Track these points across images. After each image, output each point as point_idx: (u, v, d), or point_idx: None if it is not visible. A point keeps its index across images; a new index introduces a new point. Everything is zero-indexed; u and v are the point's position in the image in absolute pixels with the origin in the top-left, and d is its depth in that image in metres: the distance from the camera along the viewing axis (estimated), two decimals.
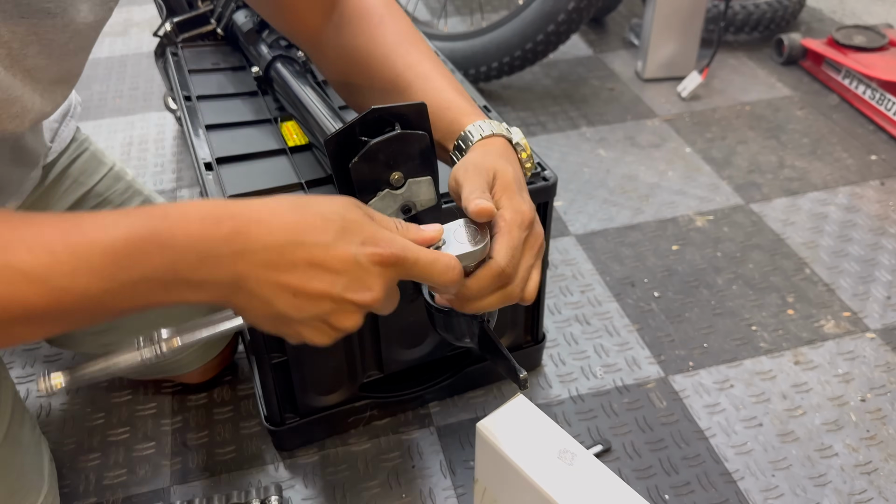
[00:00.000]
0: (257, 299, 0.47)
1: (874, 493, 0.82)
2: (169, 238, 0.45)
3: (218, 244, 0.46)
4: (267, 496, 0.82)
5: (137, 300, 0.46)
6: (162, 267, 0.45)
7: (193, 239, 0.46)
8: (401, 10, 0.71)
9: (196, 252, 0.46)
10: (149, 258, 0.45)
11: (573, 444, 0.62)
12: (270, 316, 0.49)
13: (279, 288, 0.47)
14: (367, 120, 0.60)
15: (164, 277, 0.45)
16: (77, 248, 0.44)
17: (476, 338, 0.60)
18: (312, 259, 0.46)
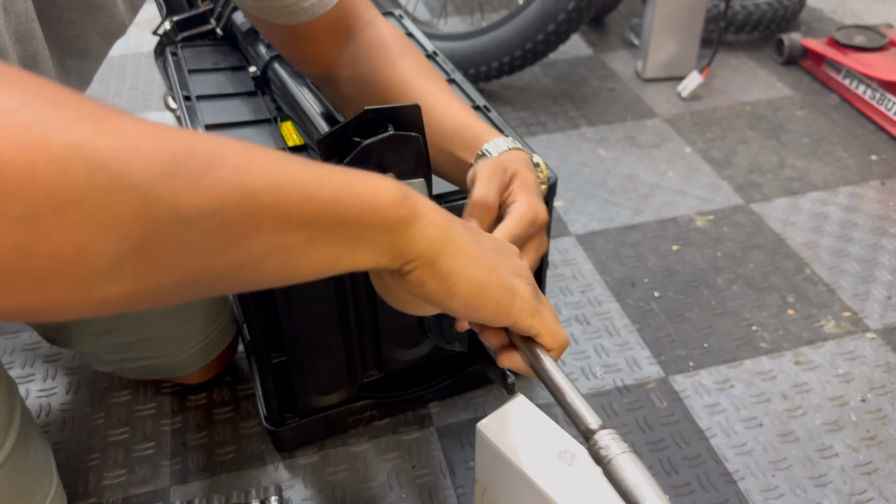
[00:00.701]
0: (461, 238, 0.43)
1: (874, 494, 0.82)
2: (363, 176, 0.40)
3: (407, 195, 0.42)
4: (267, 496, 0.82)
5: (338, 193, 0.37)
6: (352, 171, 0.39)
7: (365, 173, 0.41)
8: (415, 47, 0.73)
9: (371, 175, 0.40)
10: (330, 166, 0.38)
11: (573, 444, 0.61)
12: (478, 257, 0.44)
13: (468, 233, 0.45)
14: (361, 120, 0.60)
15: (360, 175, 0.39)
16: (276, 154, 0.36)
17: (466, 341, 0.60)
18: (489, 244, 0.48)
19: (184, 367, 0.91)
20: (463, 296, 0.43)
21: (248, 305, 0.75)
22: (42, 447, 0.75)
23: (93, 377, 0.99)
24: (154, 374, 0.92)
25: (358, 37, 0.72)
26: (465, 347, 0.60)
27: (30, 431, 0.72)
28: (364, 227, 0.38)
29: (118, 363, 0.90)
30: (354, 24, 0.72)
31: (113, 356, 0.88)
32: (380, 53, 0.71)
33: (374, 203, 0.38)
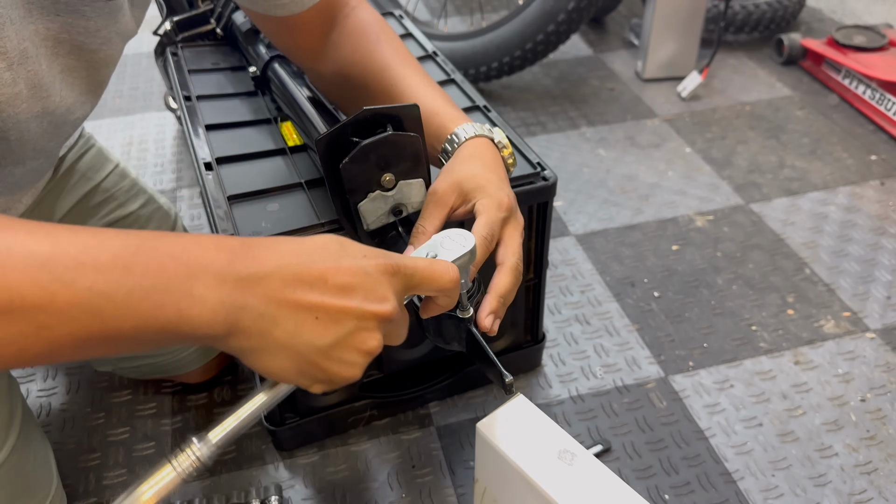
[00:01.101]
0: (279, 330, 0.44)
1: (874, 493, 0.82)
2: (182, 251, 0.42)
3: (235, 263, 0.43)
4: (267, 496, 0.82)
5: (140, 317, 0.40)
6: (176, 279, 0.41)
7: (210, 255, 0.43)
8: (394, 32, 0.75)
9: (213, 270, 0.42)
10: (162, 267, 0.41)
11: (573, 444, 0.61)
12: (291, 354, 0.45)
13: (300, 310, 0.44)
14: (360, 121, 0.60)
15: (176, 291, 0.41)
16: (85, 241, 0.39)
17: (464, 342, 0.60)
18: (324, 275, 0.45)
19: (184, 365, 0.91)
20: (263, 373, 0.48)
21: None
22: (43, 447, 0.75)
23: (93, 377, 0.99)
24: (154, 373, 0.93)
25: (341, 24, 0.74)
26: (463, 348, 0.60)
27: (31, 431, 0.72)
28: (173, 338, 0.42)
29: (119, 362, 0.90)
30: (340, 11, 0.74)
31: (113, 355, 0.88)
32: (360, 39, 0.72)
33: (184, 331, 0.42)
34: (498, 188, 0.62)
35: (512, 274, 0.60)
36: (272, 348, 0.45)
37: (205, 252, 0.43)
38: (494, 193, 0.61)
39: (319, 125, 0.75)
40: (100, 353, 0.42)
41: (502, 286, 0.60)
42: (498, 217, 0.60)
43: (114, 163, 0.90)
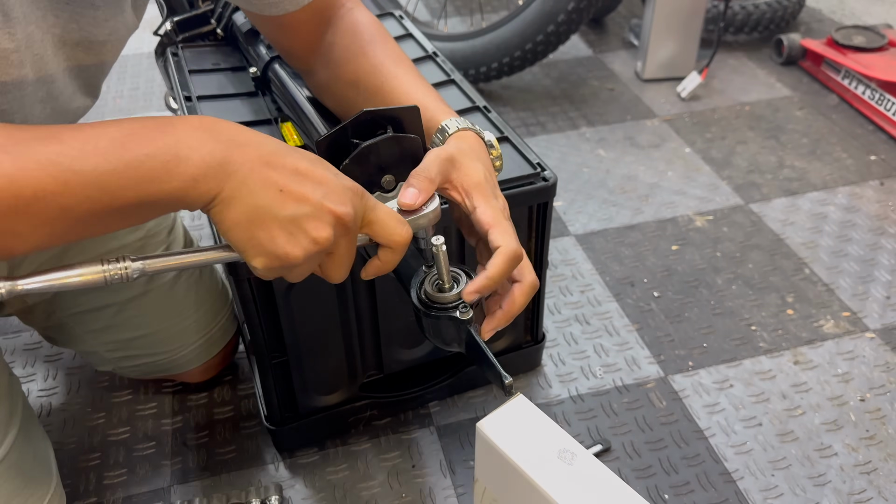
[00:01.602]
0: (245, 188, 0.49)
1: (874, 493, 0.82)
2: (170, 125, 0.48)
3: (219, 133, 0.49)
4: (267, 496, 0.82)
5: (140, 186, 0.46)
6: (164, 147, 0.47)
7: (194, 127, 0.49)
8: (389, 34, 0.76)
9: (198, 136, 0.48)
10: (152, 138, 0.47)
11: (573, 443, 0.62)
12: (250, 211, 0.49)
13: (268, 182, 0.49)
14: (360, 122, 0.60)
15: (165, 157, 0.47)
16: (85, 135, 0.46)
17: (464, 343, 0.60)
18: (297, 168, 0.51)
19: (184, 364, 0.91)
20: (225, 238, 0.51)
21: (249, 305, 0.75)
22: (43, 445, 0.75)
23: (93, 377, 0.99)
24: (155, 371, 0.93)
25: (336, 24, 0.74)
26: (462, 349, 0.60)
27: (31, 429, 0.72)
28: (166, 202, 0.48)
29: (119, 361, 0.90)
30: (335, 12, 0.74)
31: (114, 354, 0.89)
32: (354, 39, 0.73)
33: (175, 186, 0.47)
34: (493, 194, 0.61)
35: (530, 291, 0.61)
36: (234, 200, 0.49)
37: (187, 121, 0.49)
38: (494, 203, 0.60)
39: (320, 126, 0.76)
40: (118, 225, 0.49)
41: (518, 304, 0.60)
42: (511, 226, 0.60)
43: None
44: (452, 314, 0.58)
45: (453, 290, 0.58)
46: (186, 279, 0.89)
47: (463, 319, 0.58)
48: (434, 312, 0.58)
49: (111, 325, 0.85)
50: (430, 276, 0.60)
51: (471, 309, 0.58)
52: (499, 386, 0.57)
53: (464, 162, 0.61)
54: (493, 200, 0.61)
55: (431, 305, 0.59)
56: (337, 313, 0.80)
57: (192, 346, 0.90)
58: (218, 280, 0.95)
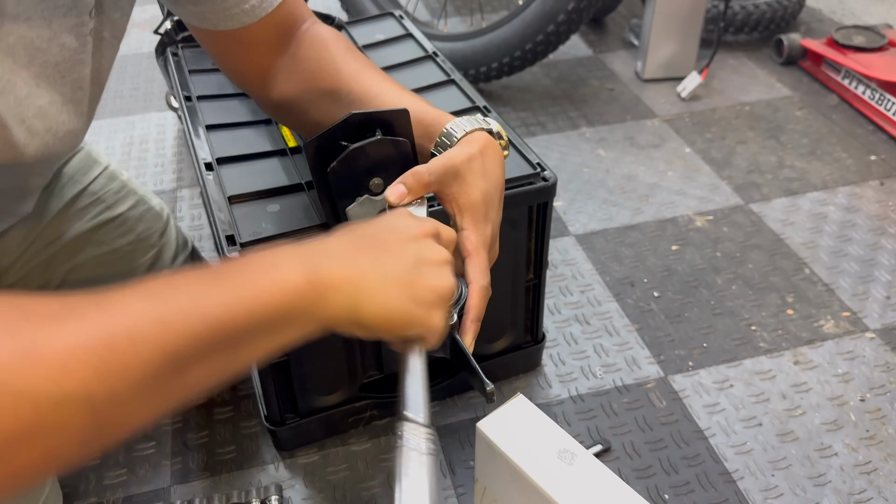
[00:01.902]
0: (364, 267, 0.48)
1: (874, 493, 0.82)
2: (258, 256, 0.46)
3: (304, 246, 0.48)
4: (267, 496, 0.82)
5: (249, 308, 0.42)
6: (260, 269, 0.44)
7: (281, 250, 0.47)
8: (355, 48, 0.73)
9: (288, 253, 0.47)
10: (239, 266, 0.44)
11: (573, 443, 0.62)
12: (389, 279, 0.48)
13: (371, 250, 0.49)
14: (349, 124, 0.60)
15: (262, 272, 0.44)
16: (170, 283, 0.41)
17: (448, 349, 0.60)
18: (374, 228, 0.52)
19: None
20: (387, 334, 0.50)
21: None
22: None
23: None
24: None
25: (300, 39, 0.71)
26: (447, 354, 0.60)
27: None
28: (278, 322, 0.44)
29: None
30: (298, 26, 0.71)
31: None
32: (325, 51, 0.70)
33: (280, 301, 0.43)
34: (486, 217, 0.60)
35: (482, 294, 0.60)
36: (371, 288, 0.47)
37: (263, 253, 0.46)
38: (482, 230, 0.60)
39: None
40: (228, 368, 0.43)
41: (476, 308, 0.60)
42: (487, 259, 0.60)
43: (102, 165, 0.89)
44: None
45: None
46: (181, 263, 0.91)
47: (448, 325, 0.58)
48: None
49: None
50: None
51: (454, 314, 0.58)
52: (481, 392, 0.57)
53: (467, 178, 0.60)
54: (483, 225, 0.60)
55: None
56: None
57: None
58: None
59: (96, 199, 0.86)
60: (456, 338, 0.58)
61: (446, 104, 0.92)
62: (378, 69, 0.71)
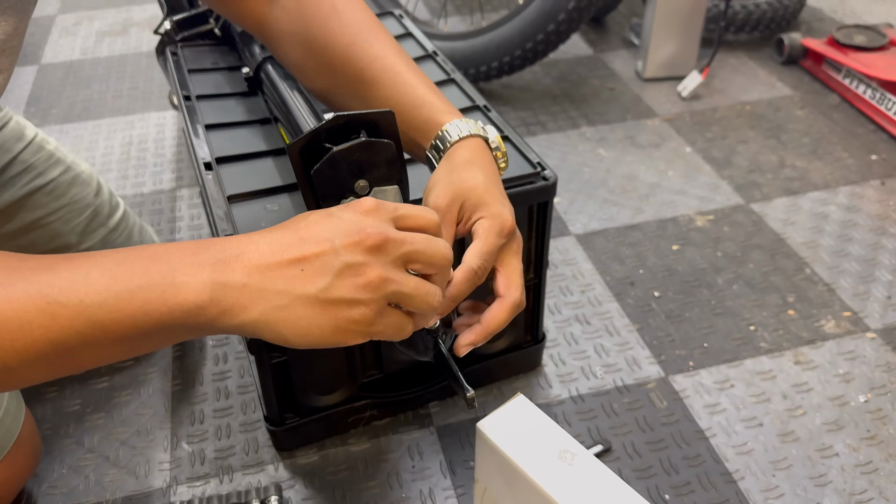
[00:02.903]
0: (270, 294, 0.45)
1: (875, 493, 0.82)
2: (164, 254, 0.45)
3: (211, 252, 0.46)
4: (267, 496, 0.82)
5: (135, 318, 0.43)
6: (158, 275, 0.44)
7: (187, 250, 0.46)
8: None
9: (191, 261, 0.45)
10: (144, 269, 0.44)
11: (573, 444, 0.61)
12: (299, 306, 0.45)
13: (282, 268, 0.45)
14: (333, 126, 0.59)
15: (159, 286, 0.44)
16: (76, 264, 0.44)
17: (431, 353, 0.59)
18: (296, 232, 0.47)
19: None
20: (300, 345, 0.47)
21: None
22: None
23: (92, 379, 0.99)
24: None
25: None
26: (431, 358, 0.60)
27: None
28: (169, 332, 0.45)
29: None
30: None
31: None
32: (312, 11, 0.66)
33: (171, 317, 0.44)
34: (501, 205, 0.59)
35: (511, 310, 0.57)
36: (274, 315, 0.45)
37: (181, 249, 0.46)
38: (497, 213, 0.58)
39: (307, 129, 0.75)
40: (123, 356, 0.46)
41: (497, 321, 0.57)
42: (497, 244, 0.57)
43: (30, 136, 0.92)
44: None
45: None
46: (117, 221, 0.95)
47: (430, 329, 0.57)
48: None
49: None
50: None
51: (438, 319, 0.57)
52: (462, 397, 0.57)
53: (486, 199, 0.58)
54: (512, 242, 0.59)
55: None
56: None
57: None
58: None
59: (28, 167, 0.89)
60: (438, 342, 0.58)
61: None
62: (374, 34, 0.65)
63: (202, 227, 1.26)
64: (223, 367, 1.00)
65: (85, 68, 1.78)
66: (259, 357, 0.80)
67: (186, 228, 1.25)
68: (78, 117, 1.58)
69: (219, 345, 1.03)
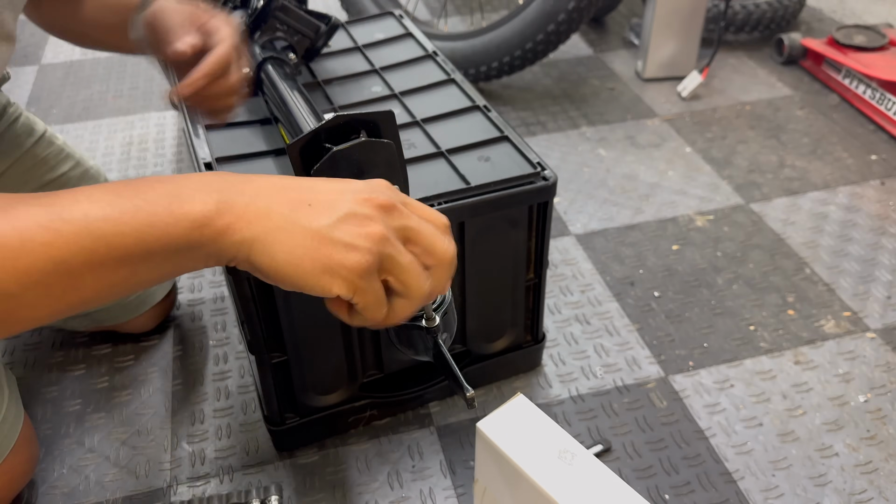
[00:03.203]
0: (274, 219, 0.45)
1: (874, 493, 0.82)
2: (170, 177, 0.46)
3: (222, 176, 0.47)
4: (267, 496, 0.82)
5: (141, 232, 0.43)
6: (164, 191, 0.44)
7: (196, 176, 0.46)
8: None
9: (200, 179, 0.45)
10: (150, 186, 0.44)
11: (573, 443, 0.61)
12: (296, 237, 0.45)
13: (294, 202, 0.46)
14: (333, 127, 0.60)
15: (166, 199, 0.43)
16: (80, 189, 0.44)
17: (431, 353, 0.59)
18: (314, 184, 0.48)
19: (131, 309, 0.98)
20: (287, 275, 0.45)
21: (249, 305, 0.75)
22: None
23: (92, 379, 0.99)
24: (104, 320, 0.98)
25: None
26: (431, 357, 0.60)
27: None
28: (171, 251, 0.44)
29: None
30: None
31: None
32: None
33: (174, 232, 0.43)
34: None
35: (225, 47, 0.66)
36: (273, 235, 0.45)
37: (188, 175, 0.46)
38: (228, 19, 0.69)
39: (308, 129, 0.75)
40: (124, 286, 0.44)
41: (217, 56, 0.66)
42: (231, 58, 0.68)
43: (41, 130, 0.93)
44: (420, 324, 0.57)
45: None
46: None
47: (430, 329, 0.57)
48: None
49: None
50: None
51: (437, 317, 0.58)
52: (461, 397, 0.57)
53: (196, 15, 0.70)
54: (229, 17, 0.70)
55: None
56: None
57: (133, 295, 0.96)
58: None
59: (39, 162, 0.90)
60: (438, 342, 0.58)
61: (446, 103, 0.91)
62: None
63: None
64: (223, 366, 1.00)
65: (85, 68, 1.78)
66: (259, 357, 0.80)
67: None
68: (78, 117, 1.58)
69: (219, 345, 1.03)
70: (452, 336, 0.61)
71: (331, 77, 0.97)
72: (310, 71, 0.98)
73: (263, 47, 0.93)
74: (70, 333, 1.05)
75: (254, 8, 0.94)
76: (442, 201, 0.76)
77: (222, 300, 1.10)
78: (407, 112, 0.90)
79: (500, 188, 0.78)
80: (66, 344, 1.04)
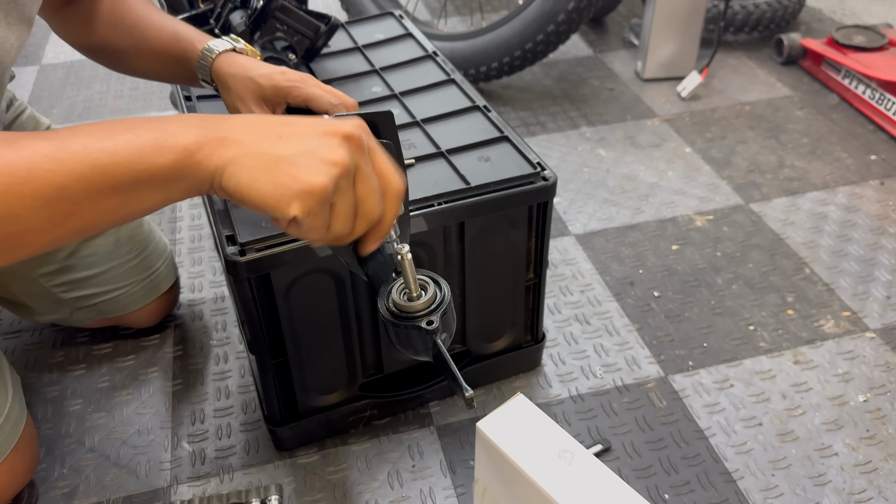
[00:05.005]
0: (245, 146, 0.50)
1: (874, 493, 0.82)
2: (158, 118, 0.51)
3: (207, 116, 0.52)
4: (267, 496, 0.82)
5: (133, 162, 0.48)
6: (153, 128, 0.49)
7: (183, 117, 0.52)
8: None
9: (186, 119, 0.51)
10: (140, 123, 0.50)
11: (573, 443, 0.62)
12: (260, 162, 0.49)
13: (265, 134, 0.51)
14: None
15: (155, 134, 0.49)
16: (77, 127, 0.49)
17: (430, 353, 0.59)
18: (288, 118, 0.53)
19: (134, 301, 0.98)
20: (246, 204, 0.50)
21: (249, 305, 0.75)
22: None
23: (93, 378, 0.99)
24: (107, 312, 0.98)
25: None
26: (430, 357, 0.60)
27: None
28: (159, 178, 0.49)
29: (76, 302, 0.95)
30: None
31: (69, 294, 0.94)
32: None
33: (161, 160, 0.48)
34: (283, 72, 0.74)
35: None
36: (240, 161, 0.49)
37: (169, 116, 0.51)
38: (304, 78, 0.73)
39: None
40: (122, 211, 0.49)
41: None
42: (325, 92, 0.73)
43: (46, 124, 0.97)
44: (419, 324, 0.57)
45: (421, 298, 0.57)
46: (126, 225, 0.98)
47: (429, 329, 0.57)
48: (401, 322, 0.57)
49: (65, 267, 0.92)
50: (397, 285, 0.59)
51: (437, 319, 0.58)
52: (461, 397, 0.57)
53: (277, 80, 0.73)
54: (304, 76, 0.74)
55: (399, 315, 0.58)
56: (336, 313, 0.80)
57: (140, 283, 0.98)
58: (155, 230, 1.04)
59: None
60: (437, 342, 0.58)
61: (446, 104, 0.92)
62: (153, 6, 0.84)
63: (203, 227, 1.26)
64: (224, 366, 1.00)
65: (86, 69, 1.78)
66: (259, 357, 0.80)
67: (187, 228, 1.25)
68: (79, 117, 1.58)
69: (219, 345, 1.03)
70: (452, 336, 0.61)
71: (331, 77, 0.97)
72: (310, 71, 0.98)
73: (263, 47, 0.94)
74: (71, 333, 1.05)
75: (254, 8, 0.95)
76: (442, 201, 0.77)
77: (222, 300, 1.10)
78: (407, 112, 0.90)
79: (500, 188, 0.78)
80: (66, 343, 1.04)
